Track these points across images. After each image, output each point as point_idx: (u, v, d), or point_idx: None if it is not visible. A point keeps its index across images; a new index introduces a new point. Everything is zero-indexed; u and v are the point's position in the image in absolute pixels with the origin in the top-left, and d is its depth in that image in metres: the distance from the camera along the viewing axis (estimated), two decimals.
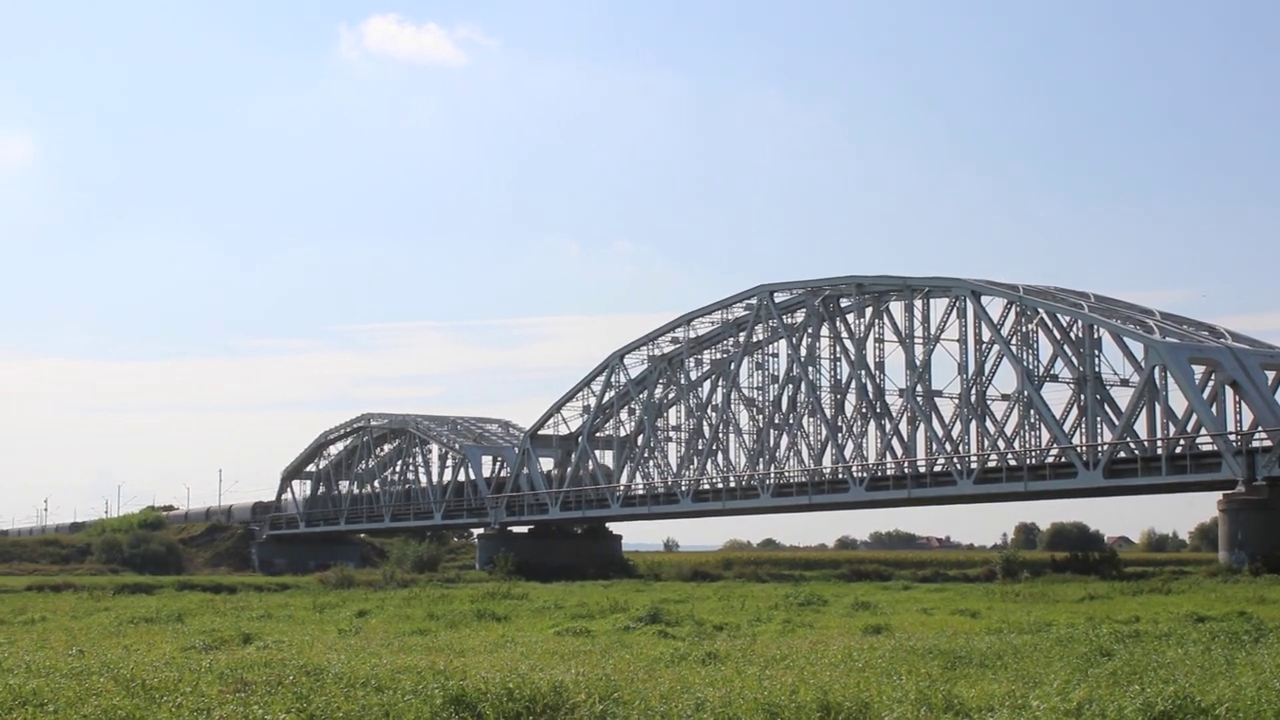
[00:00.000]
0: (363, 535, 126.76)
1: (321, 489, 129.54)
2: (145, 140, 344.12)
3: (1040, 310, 71.13)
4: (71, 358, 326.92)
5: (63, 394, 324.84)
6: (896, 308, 78.69)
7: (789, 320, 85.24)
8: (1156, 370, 64.24)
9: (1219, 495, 62.07)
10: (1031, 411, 71.40)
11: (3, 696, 15.56)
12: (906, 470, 75.36)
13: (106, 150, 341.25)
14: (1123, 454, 66.11)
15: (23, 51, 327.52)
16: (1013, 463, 71.24)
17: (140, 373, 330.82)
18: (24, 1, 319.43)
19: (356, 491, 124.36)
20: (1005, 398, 75.24)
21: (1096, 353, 69.46)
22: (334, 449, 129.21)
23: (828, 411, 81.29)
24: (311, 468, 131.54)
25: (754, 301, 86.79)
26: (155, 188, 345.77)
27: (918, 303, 77.38)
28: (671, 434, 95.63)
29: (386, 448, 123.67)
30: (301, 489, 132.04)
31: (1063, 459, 68.63)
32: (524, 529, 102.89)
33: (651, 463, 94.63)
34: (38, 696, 15.67)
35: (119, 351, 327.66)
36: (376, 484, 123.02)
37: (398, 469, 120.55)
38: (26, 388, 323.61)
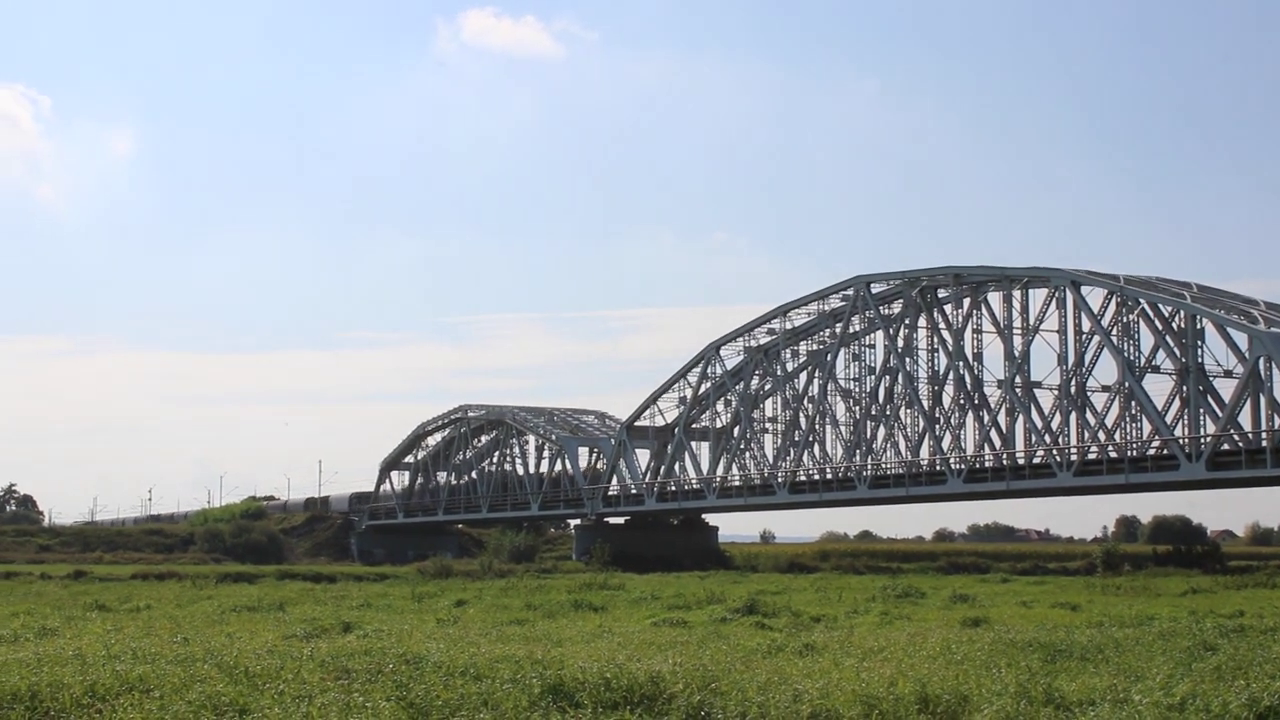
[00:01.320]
0: (460, 526, 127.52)
1: (419, 480, 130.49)
2: (245, 134, 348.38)
3: (1141, 300, 70.17)
4: (175, 350, 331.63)
5: (166, 386, 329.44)
6: (995, 298, 77.97)
7: (886, 311, 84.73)
8: (1261, 361, 63.17)
9: None
10: (1132, 403, 70.49)
11: (110, 682, 15.83)
12: (1005, 462, 74.64)
13: (206, 145, 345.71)
14: (1226, 446, 65.12)
15: (124, 48, 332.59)
16: (1113, 455, 70.39)
17: (242, 364, 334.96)
18: None
19: (454, 482, 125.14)
20: (1106, 389, 74.37)
21: (1199, 343, 68.44)
22: (432, 440, 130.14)
23: (925, 403, 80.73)
24: (410, 458, 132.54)
25: (851, 292, 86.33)
26: (255, 181, 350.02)
27: (1016, 293, 76.60)
28: (767, 425, 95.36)
29: (484, 439, 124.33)
30: (400, 479, 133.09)
31: (1165, 451, 67.72)
32: (620, 520, 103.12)
33: (747, 454, 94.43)
34: (144, 682, 15.93)
35: (221, 344, 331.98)
36: (474, 475, 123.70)
37: (495, 460, 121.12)
38: (131, 380, 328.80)
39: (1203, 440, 65.46)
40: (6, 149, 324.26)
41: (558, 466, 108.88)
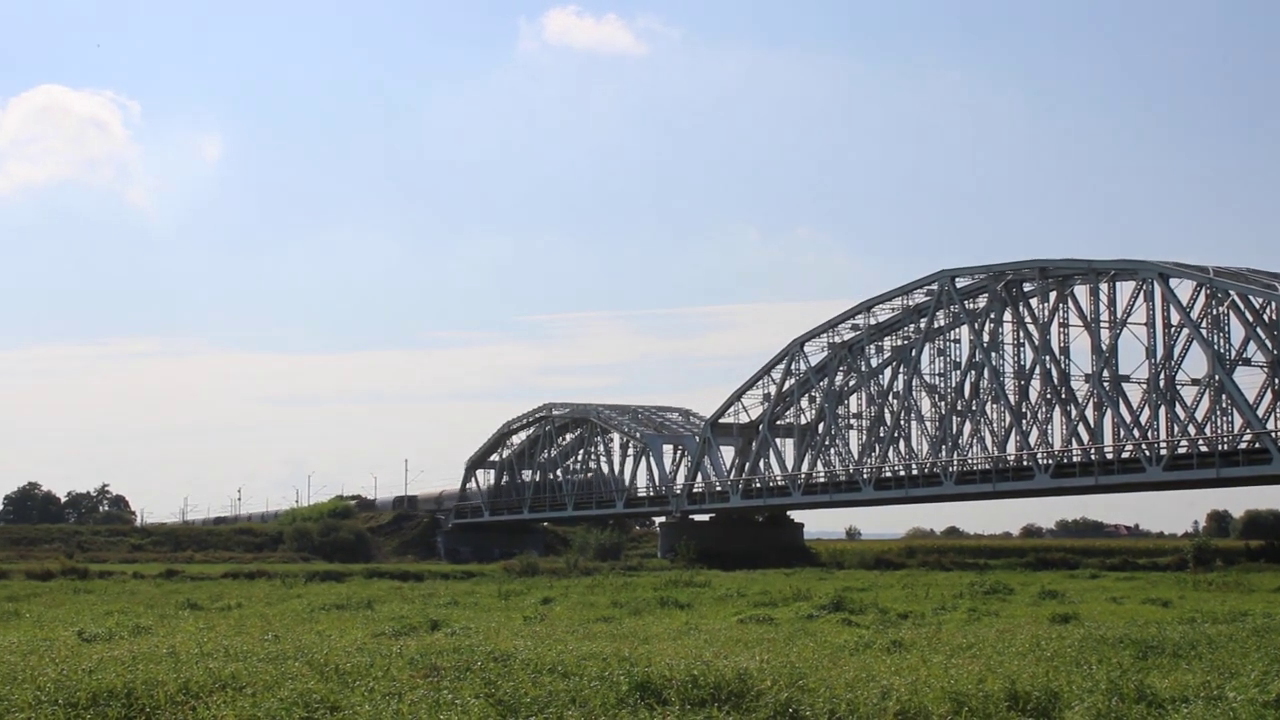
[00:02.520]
0: (545, 524, 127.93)
1: (505, 478, 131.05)
2: (331, 136, 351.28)
3: (1231, 292, 69.26)
4: (262, 351, 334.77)
5: (255, 387, 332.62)
6: (1081, 291, 77.24)
7: (971, 305, 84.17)
8: None
9: None
10: (1223, 396, 69.59)
11: (203, 680, 16.04)
12: (1093, 457, 73.95)
13: (293, 147, 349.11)
14: None
15: (212, 52, 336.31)
16: (1204, 449, 69.52)
17: (328, 365, 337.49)
18: (210, 3, 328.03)
19: (539, 480, 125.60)
20: (1195, 382, 73.43)
21: None
22: (517, 438, 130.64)
23: (1011, 397, 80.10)
24: (495, 457, 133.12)
25: (935, 287, 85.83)
26: (340, 182, 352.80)
27: (1103, 286, 75.82)
28: (852, 421, 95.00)
29: (568, 437, 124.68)
30: (485, 478, 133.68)
31: (1256, 444, 66.79)
32: (705, 517, 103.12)
33: (832, 450, 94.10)
34: (236, 680, 16.13)
35: (308, 344, 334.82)
36: (558, 473, 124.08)
37: (579, 458, 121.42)
38: (220, 381, 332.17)
39: None
40: (97, 154, 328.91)
41: (642, 464, 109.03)
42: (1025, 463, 77.16)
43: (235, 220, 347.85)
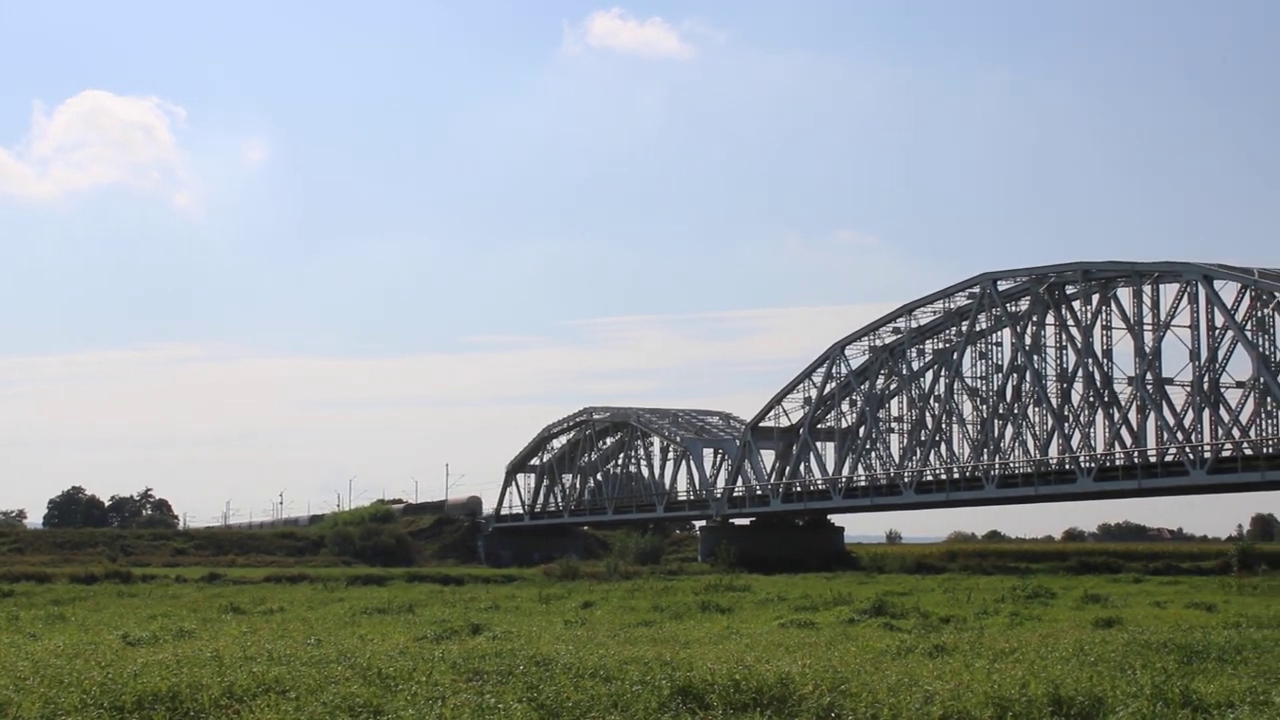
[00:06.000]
0: (585, 528, 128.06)
1: (545, 482, 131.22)
2: (374, 140, 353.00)
3: (1277, 294, 68.80)
4: (304, 356, 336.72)
5: (297, 391, 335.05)
6: (1124, 294, 76.87)
7: (1013, 308, 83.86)
8: None
9: None
10: (1268, 399, 69.12)
11: (247, 683, 16.11)
12: (1136, 460, 73.53)
13: (337, 152, 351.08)
14: None
15: (257, 58, 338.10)
16: (1248, 452, 69.05)
17: (371, 368, 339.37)
18: (254, 8, 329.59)
19: (579, 484, 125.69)
20: (1240, 385, 73.01)
21: None
22: (557, 442, 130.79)
23: (1054, 401, 79.75)
24: (535, 461, 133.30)
25: (977, 290, 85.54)
26: (383, 186, 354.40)
27: (1146, 288, 75.44)
28: (893, 425, 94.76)
29: (608, 441, 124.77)
30: (526, 482, 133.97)
31: None
32: (745, 521, 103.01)
33: (873, 454, 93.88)
34: (280, 684, 16.20)
35: (350, 348, 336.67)
36: (599, 477, 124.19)
37: (619, 462, 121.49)
38: (262, 386, 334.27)
39: None
40: (144, 159, 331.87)
41: (682, 468, 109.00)
42: (1067, 466, 76.82)
43: (278, 225, 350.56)
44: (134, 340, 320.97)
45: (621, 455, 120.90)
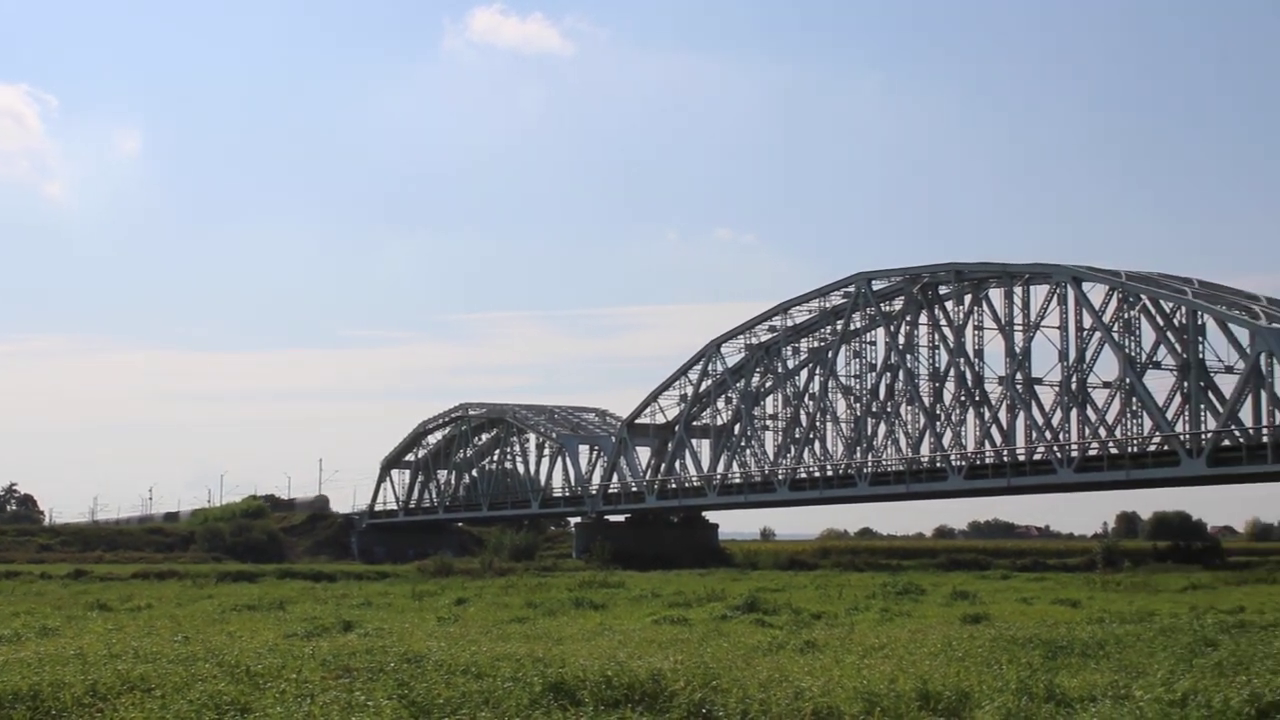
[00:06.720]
0: (460, 524, 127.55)
1: (420, 478, 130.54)
2: (250, 133, 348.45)
3: (1143, 296, 70.16)
4: (177, 349, 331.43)
5: (168, 385, 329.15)
6: (996, 294, 77.98)
7: (887, 308, 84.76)
8: (1262, 357, 63.16)
9: None
10: (1133, 399, 70.47)
11: (112, 681, 15.83)
12: (1005, 459, 74.62)
13: (212, 143, 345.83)
14: (1227, 442, 65.07)
15: (131, 47, 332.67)
16: (1114, 451, 70.34)
17: (244, 363, 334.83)
18: None
19: (454, 480, 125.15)
20: (1107, 385, 74.37)
21: (1200, 339, 68.42)
22: (432, 438, 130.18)
23: (926, 399, 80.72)
24: (410, 457, 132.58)
25: (852, 289, 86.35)
26: (259, 180, 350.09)
27: (1017, 289, 76.59)
28: (768, 423, 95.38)
29: (484, 437, 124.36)
30: (401, 478, 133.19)
31: (1165, 447, 67.65)
32: (621, 518, 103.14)
33: (748, 451, 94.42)
34: (145, 681, 15.92)
35: (224, 342, 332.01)
36: (474, 473, 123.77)
37: (495, 458, 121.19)
38: (133, 379, 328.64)
39: (1203, 436, 65.43)
40: (13, 148, 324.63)
41: (558, 464, 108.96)
42: (939, 464, 77.76)
43: (153, 216, 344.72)
44: (2, 332, 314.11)
45: (497, 451, 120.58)
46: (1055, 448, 72.65)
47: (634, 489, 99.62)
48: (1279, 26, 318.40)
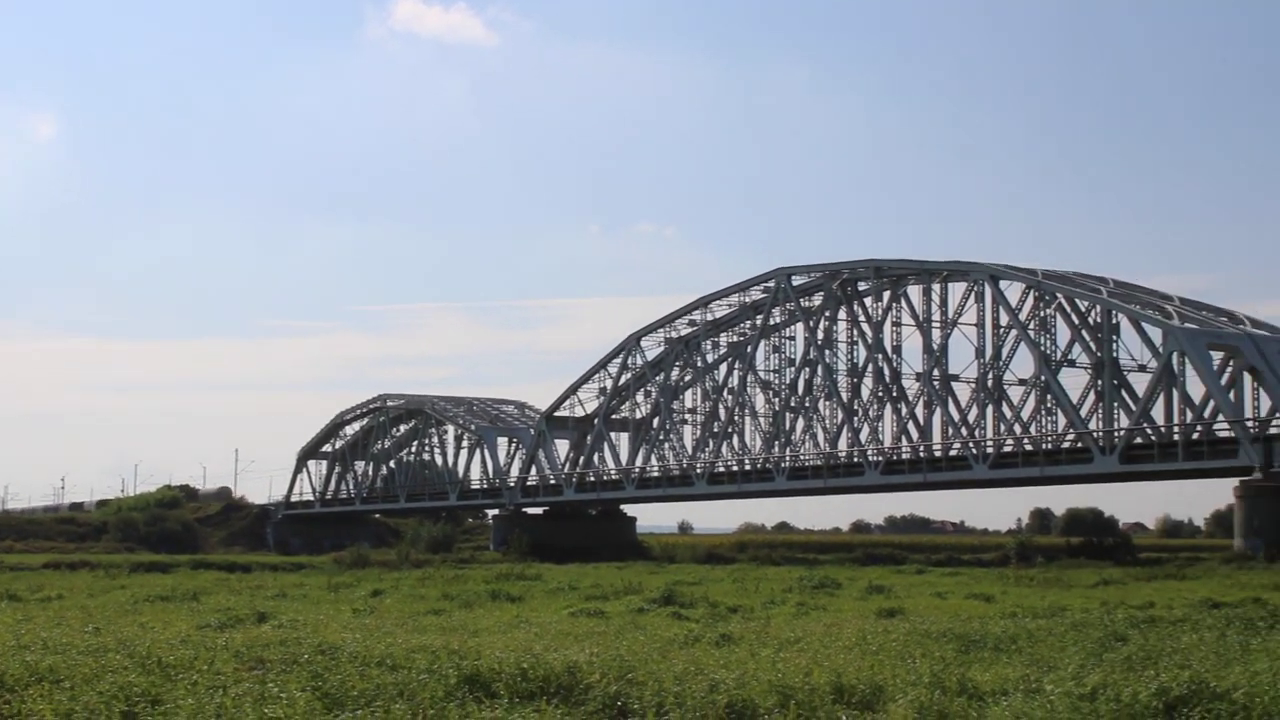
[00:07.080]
0: (378, 516, 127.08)
1: (337, 469, 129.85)
2: (168, 120, 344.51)
3: (1058, 295, 70.97)
4: (90, 337, 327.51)
5: (81, 374, 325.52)
6: (914, 291, 78.64)
7: (806, 303, 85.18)
8: (1174, 356, 64.08)
9: (1235, 482, 61.95)
10: (1048, 396, 71.28)
11: (20, 673, 15.60)
12: (922, 454, 75.29)
13: (129, 131, 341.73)
14: (1139, 440, 65.98)
15: (45, 32, 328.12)
16: (1028, 447, 71.15)
17: (158, 352, 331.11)
18: None
19: (372, 472, 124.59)
20: (1022, 382, 75.17)
21: (1114, 338, 69.33)
22: (350, 429, 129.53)
23: (844, 395, 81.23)
24: (328, 448, 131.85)
25: (772, 284, 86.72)
26: (177, 168, 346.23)
27: (935, 287, 77.28)
28: (687, 416, 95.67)
29: (403, 428, 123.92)
30: (317, 469, 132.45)
31: (1079, 444, 68.52)
32: (539, 510, 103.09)
33: (667, 445, 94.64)
34: (54, 673, 15.71)
35: (138, 330, 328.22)
36: (392, 464, 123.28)
37: (413, 449, 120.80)
38: (45, 366, 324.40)
39: (1116, 434, 66.29)
40: None
41: (476, 456, 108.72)
42: (856, 459, 78.29)
43: (65, 203, 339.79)
44: None
45: (415, 443, 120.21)
46: (971, 444, 73.37)
47: (552, 481, 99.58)
48: (1193, 22, 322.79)
